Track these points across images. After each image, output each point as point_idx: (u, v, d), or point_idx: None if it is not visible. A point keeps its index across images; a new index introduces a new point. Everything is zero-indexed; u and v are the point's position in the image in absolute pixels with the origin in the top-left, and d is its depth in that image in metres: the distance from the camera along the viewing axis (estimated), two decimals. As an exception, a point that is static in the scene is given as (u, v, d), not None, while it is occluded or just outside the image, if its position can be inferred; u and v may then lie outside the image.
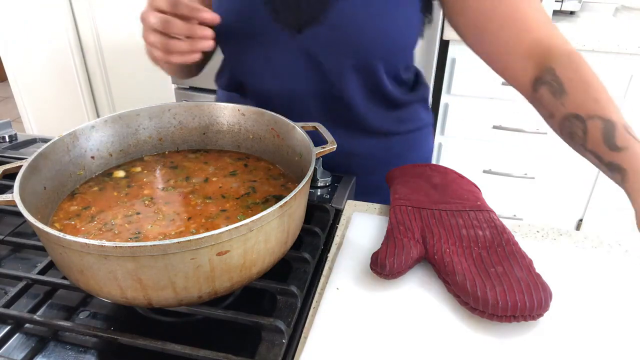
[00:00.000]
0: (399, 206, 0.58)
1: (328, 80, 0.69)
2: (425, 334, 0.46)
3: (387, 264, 0.49)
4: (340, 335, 0.45)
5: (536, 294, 0.45)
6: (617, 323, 0.47)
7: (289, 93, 0.71)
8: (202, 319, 0.49)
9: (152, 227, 0.50)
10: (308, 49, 0.66)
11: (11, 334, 0.46)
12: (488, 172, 1.74)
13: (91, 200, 0.55)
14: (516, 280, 0.46)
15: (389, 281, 0.51)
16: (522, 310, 0.44)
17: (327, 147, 0.55)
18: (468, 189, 0.62)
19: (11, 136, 0.81)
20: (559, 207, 1.76)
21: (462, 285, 0.47)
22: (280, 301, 0.49)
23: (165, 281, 0.40)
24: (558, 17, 1.64)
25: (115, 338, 0.44)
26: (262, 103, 0.68)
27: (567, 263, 0.54)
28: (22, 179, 0.47)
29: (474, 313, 0.46)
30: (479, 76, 1.58)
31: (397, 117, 0.77)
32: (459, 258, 0.50)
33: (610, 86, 1.51)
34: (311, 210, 0.62)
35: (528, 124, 1.62)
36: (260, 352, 0.43)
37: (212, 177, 0.60)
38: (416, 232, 0.54)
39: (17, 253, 0.59)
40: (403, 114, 0.77)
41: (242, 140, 0.65)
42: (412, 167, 0.66)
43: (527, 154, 1.68)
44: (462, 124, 1.68)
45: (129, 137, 0.63)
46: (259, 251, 0.44)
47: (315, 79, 0.69)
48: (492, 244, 0.52)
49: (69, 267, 0.42)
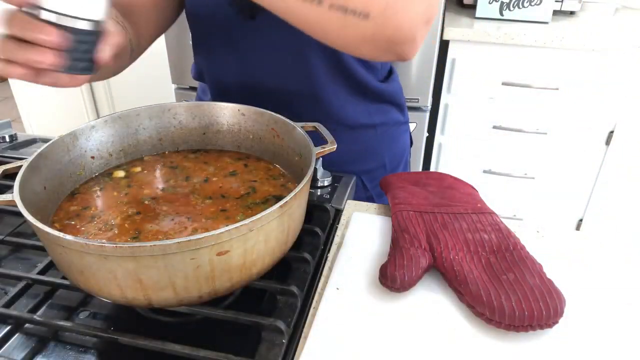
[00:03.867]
0: (401, 211, 0.58)
1: (290, 67, 0.67)
2: (425, 334, 0.46)
3: (397, 277, 0.48)
4: (340, 335, 0.45)
5: (551, 302, 0.44)
6: (620, 323, 0.47)
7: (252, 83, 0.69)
8: (202, 319, 0.49)
9: (152, 227, 0.50)
10: (265, 37, 0.65)
11: (11, 334, 0.46)
12: (488, 172, 1.74)
13: (91, 200, 0.55)
14: (530, 288, 0.46)
15: (389, 281, 0.51)
16: (538, 319, 0.44)
17: (327, 147, 0.55)
18: (466, 192, 0.62)
19: (11, 136, 0.81)
20: (559, 207, 1.76)
21: (476, 296, 0.46)
22: (280, 301, 0.49)
23: (165, 281, 0.40)
24: (558, 17, 1.64)
25: (115, 338, 0.44)
26: (222, 94, 0.65)
27: (567, 263, 0.54)
28: (22, 179, 0.47)
29: (490, 324, 0.45)
30: (479, 76, 1.58)
31: (367, 111, 0.76)
32: (469, 265, 0.49)
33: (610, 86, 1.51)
34: (311, 210, 0.62)
35: (528, 124, 1.62)
36: (260, 352, 0.43)
37: (212, 177, 0.60)
38: (422, 240, 0.53)
39: (17, 253, 0.59)
40: (373, 108, 0.76)
41: (242, 140, 0.65)
42: (407, 174, 0.66)
43: (527, 154, 1.68)
44: (462, 124, 1.68)
45: (129, 137, 0.63)
46: (259, 251, 0.44)
47: (277, 67, 0.67)
48: (499, 249, 0.52)
49: (69, 267, 0.42)
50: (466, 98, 1.63)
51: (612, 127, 1.58)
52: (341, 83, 0.71)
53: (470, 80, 1.60)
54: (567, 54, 1.50)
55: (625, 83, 1.50)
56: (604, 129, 1.59)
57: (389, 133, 0.81)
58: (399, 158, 0.85)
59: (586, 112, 1.57)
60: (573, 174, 1.68)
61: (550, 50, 1.50)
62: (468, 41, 1.53)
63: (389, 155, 0.82)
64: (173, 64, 1.63)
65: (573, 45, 1.47)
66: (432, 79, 1.56)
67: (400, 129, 0.83)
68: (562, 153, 1.65)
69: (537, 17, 1.58)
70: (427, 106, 1.59)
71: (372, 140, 0.79)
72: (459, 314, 0.48)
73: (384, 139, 0.81)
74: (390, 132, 0.81)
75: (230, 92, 0.70)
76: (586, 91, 1.54)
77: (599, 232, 1.47)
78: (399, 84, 0.81)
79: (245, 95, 0.68)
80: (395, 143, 0.83)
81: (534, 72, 1.54)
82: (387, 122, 0.80)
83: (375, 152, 0.80)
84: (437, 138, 1.74)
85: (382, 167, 0.82)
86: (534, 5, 1.57)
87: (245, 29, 0.65)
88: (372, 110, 0.77)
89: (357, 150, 0.78)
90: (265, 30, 0.65)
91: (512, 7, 1.59)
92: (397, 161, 0.85)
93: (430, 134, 1.73)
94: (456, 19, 1.62)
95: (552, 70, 1.53)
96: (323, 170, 0.69)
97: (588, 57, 1.49)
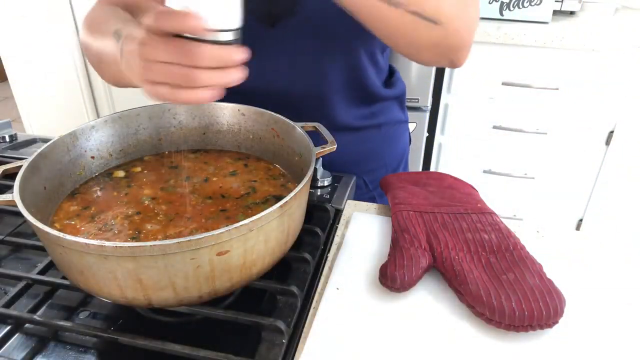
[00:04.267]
0: (401, 211, 0.58)
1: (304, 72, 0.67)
2: (425, 334, 0.46)
3: (397, 277, 0.48)
4: (340, 335, 0.45)
5: (551, 302, 0.44)
6: (620, 323, 0.47)
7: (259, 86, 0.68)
8: (202, 319, 0.49)
9: (152, 227, 0.50)
10: (284, 44, 0.65)
11: (11, 334, 0.46)
12: (488, 172, 1.74)
13: (91, 200, 0.55)
14: (530, 288, 0.46)
15: (389, 281, 0.51)
16: (538, 319, 0.44)
17: (327, 147, 0.55)
18: (466, 192, 0.62)
19: (11, 136, 0.81)
20: (559, 207, 1.76)
21: (476, 296, 0.46)
22: (280, 301, 0.49)
23: (165, 281, 0.40)
24: (558, 17, 1.64)
25: (115, 338, 0.44)
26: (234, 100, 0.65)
27: (567, 263, 0.54)
28: (22, 179, 0.47)
29: (490, 324, 0.45)
30: (479, 76, 1.58)
31: (371, 112, 0.76)
32: (469, 265, 0.50)
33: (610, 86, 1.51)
34: (311, 210, 0.62)
35: (528, 124, 1.62)
36: (260, 352, 0.43)
37: (212, 177, 0.60)
38: (422, 240, 0.53)
39: (17, 253, 0.59)
40: (376, 109, 0.77)
41: (242, 140, 0.65)
42: (406, 175, 0.66)
43: (527, 154, 1.68)
44: (462, 124, 1.68)
45: (129, 137, 0.63)
46: (259, 251, 0.44)
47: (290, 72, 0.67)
48: (499, 249, 0.52)
49: (69, 267, 0.42)
50: (466, 98, 1.63)
51: (612, 127, 1.58)
52: (352, 89, 0.72)
53: (470, 80, 1.60)
54: (567, 54, 1.50)
55: (625, 83, 1.50)
56: (604, 129, 1.59)
57: (391, 133, 0.82)
58: (400, 157, 0.86)
59: (586, 112, 1.57)
60: (573, 174, 1.68)
61: (550, 50, 1.50)
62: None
63: (391, 155, 0.83)
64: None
65: (573, 45, 1.47)
66: (432, 79, 1.56)
67: (402, 127, 0.84)
68: (562, 153, 1.65)
69: (537, 17, 1.58)
70: (427, 106, 1.59)
71: (375, 140, 0.80)
72: (459, 314, 0.48)
73: (387, 138, 0.81)
74: (392, 131, 0.82)
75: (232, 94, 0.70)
76: (586, 91, 1.54)
77: (599, 232, 1.47)
78: (402, 83, 0.82)
79: (248, 96, 0.68)
80: (396, 142, 0.84)
81: (534, 72, 1.54)
82: (390, 122, 0.80)
83: (377, 153, 0.81)
84: (437, 138, 1.74)
85: (384, 167, 0.82)
86: (534, 5, 1.57)
87: (262, 36, 0.65)
88: (376, 110, 0.77)
89: (360, 152, 0.78)
90: (283, 38, 0.65)
91: (512, 7, 1.59)
92: (399, 160, 0.85)
93: (430, 134, 1.73)
94: (456, 19, 1.61)
95: (552, 70, 1.53)
96: (323, 170, 0.69)
97: (588, 57, 1.49)
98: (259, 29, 0.64)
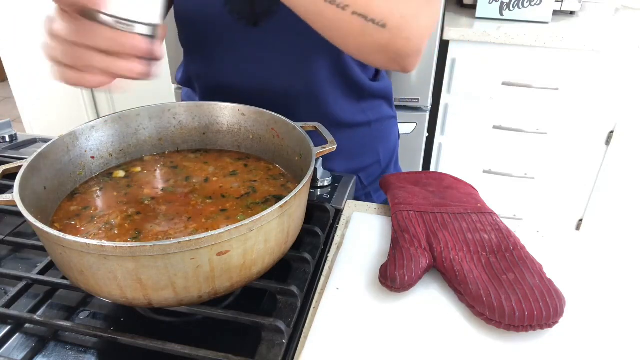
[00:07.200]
0: (401, 211, 0.58)
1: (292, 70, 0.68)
2: (425, 334, 0.46)
3: (397, 277, 0.48)
4: (340, 336, 0.45)
5: (551, 302, 0.44)
6: (620, 323, 0.47)
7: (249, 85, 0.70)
8: (202, 319, 0.49)
9: (152, 227, 0.50)
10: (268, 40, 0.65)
11: (11, 334, 0.46)
12: (488, 172, 1.74)
13: (91, 200, 0.55)
14: (530, 288, 0.46)
15: (389, 281, 0.51)
16: (538, 319, 0.44)
17: (327, 147, 0.55)
18: (466, 192, 0.62)
19: (11, 136, 0.81)
20: (559, 207, 1.76)
21: (476, 296, 0.46)
22: (280, 301, 0.49)
23: (165, 281, 0.40)
24: (558, 17, 1.64)
25: (115, 338, 0.44)
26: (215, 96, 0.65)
27: (568, 263, 0.54)
28: (22, 179, 0.47)
29: (490, 324, 0.45)
30: (479, 76, 1.58)
31: (361, 108, 0.77)
32: (469, 265, 0.49)
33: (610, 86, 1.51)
34: (311, 210, 0.62)
35: (528, 124, 1.62)
36: (260, 352, 0.43)
37: (212, 177, 0.60)
38: (422, 240, 0.53)
39: (17, 253, 0.59)
40: (366, 106, 0.78)
41: (242, 140, 0.65)
42: (406, 174, 0.66)
43: (527, 154, 1.68)
44: (462, 124, 1.68)
45: (129, 137, 0.63)
46: (259, 251, 0.44)
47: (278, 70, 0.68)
48: (499, 249, 0.52)
49: (69, 267, 0.42)
50: (466, 98, 1.63)
51: (612, 127, 1.58)
52: (339, 84, 0.72)
53: (470, 80, 1.60)
54: (567, 54, 1.50)
55: (625, 83, 1.50)
56: (604, 129, 1.59)
57: (382, 129, 0.83)
58: (392, 152, 0.87)
59: (586, 112, 1.57)
60: (573, 174, 1.68)
61: (550, 50, 1.50)
62: (468, 41, 1.53)
63: (383, 150, 0.84)
64: (173, 64, 1.63)
65: (573, 45, 1.47)
66: (432, 79, 1.56)
67: (391, 122, 0.85)
68: (562, 153, 1.65)
69: (537, 17, 1.58)
70: (427, 106, 1.59)
71: (367, 137, 0.80)
72: (459, 314, 0.48)
73: (378, 134, 0.82)
74: (383, 127, 0.83)
75: (224, 94, 0.70)
76: (586, 91, 1.54)
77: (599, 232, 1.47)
78: (388, 80, 0.83)
79: (240, 97, 0.69)
80: (387, 137, 0.85)
81: (534, 72, 1.54)
82: (380, 118, 0.81)
83: (370, 149, 0.82)
84: (437, 138, 1.74)
85: (377, 163, 0.83)
86: (534, 5, 1.57)
87: (247, 34, 0.66)
88: (366, 107, 0.78)
89: (354, 148, 0.79)
90: (267, 36, 0.65)
91: (512, 7, 1.59)
92: (390, 155, 0.86)
93: (430, 134, 1.73)
94: (456, 19, 1.62)
95: (552, 70, 1.53)
96: (323, 170, 0.69)
97: (588, 57, 1.49)
98: (244, 28, 0.65)
